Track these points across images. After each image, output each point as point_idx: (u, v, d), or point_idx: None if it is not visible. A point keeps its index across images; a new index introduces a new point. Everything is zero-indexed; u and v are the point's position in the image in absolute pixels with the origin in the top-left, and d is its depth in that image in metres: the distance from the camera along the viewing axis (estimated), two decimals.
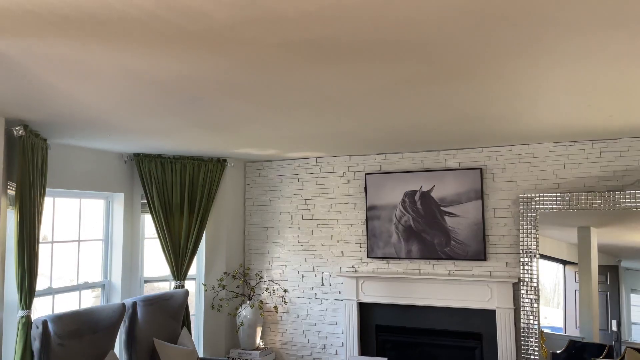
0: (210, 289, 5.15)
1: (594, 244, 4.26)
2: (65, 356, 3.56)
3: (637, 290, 4.16)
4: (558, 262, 4.37)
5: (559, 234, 4.32)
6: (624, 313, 4.11)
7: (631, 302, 4.17)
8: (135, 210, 4.85)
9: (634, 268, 4.17)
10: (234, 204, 5.46)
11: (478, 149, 4.61)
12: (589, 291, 4.21)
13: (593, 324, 4.20)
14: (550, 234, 4.32)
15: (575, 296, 4.29)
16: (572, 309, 4.28)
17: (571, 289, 4.33)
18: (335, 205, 5.19)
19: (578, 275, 4.27)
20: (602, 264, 4.20)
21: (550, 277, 4.30)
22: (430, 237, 4.71)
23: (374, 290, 4.82)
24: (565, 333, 4.30)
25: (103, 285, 4.62)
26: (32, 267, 3.45)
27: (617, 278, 4.17)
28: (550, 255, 4.34)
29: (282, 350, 5.28)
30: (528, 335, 4.22)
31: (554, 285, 4.32)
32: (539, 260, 4.27)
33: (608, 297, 4.22)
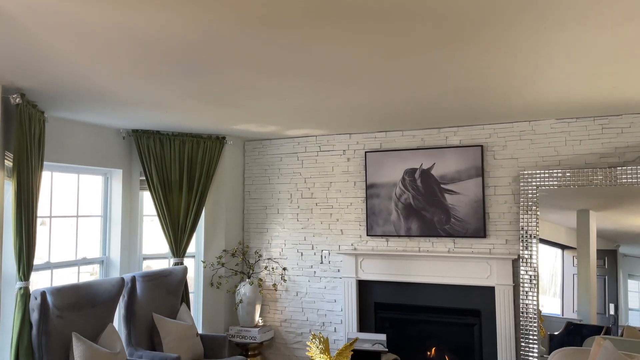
0: (209, 265, 5.14)
1: (592, 228, 4.25)
2: (64, 328, 3.56)
3: (634, 276, 4.17)
4: (557, 246, 4.37)
5: (558, 218, 4.31)
6: (621, 297, 4.12)
7: (628, 288, 4.17)
8: (134, 187, 4.83)
9: (632, 254, 4.17)
10: (233, 182, 5.43)
11: (479, 126, 4.58)
12: (587, 274, 4.21)
13: (591, 307, 4.20)
14: (550, 218, 4.31)
15: (573, 280, 4.30)
16: (570, 293, 4.28)
17: (569, 273, 4.33)
18: (334, 183, 5.17)
19: (577, 259, 4.27)
20: (600, 248, 4.19)
21: (547, 267, 4.30)
22: (430, 215, 4.70)
23: (373, 268, 4.82)
24: (563, 316, 4.31)
25: (102, 261, 4.61)
26: (30, 238, 3.43)
27: (615, 262, 4.17)
28: (549, 240, 4.33)
29: (281, 327, 5.29)
30: (527, 311, 4.23)
31: (551, 276, 4.32)
32: (539, 244, 4.27)
33: (606, 281, 4.22)
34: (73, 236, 4.37)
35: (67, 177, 4.35)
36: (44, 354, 3.41)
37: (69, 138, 4.19)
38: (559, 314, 4.30)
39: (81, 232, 4.45)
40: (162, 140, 4.80)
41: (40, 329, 3.42)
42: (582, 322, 4.24)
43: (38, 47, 2.42)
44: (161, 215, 4.76)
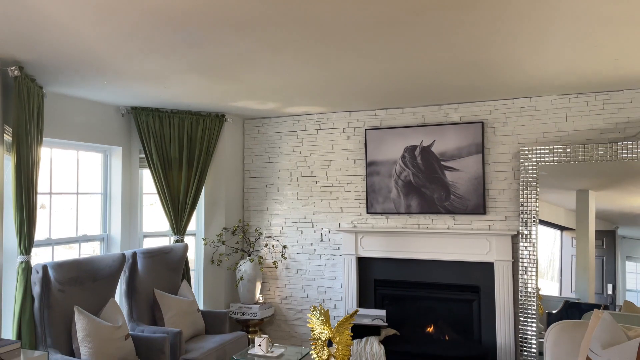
0: (210, 243, 5.16)
1: (592, 208, 4.26)
2: (66, 302, 3.58)
3: (632, 257, 4.18)
4: (556, 227, 4.38)
5: (557, 199, 4.32)
6: (619, 278, 4.14)
7: (626, 269, 4.19)
8: (134, 165, 4.82)
9: (631, 236, 4.18)
10: (232, 161, 5.43)
11: (480, 103, 4.57)
12: (585, 254, 4.23)
13: (589, 286, 4.23)
14: (549, 199, 4.31)
15: (572, 261, 4.32)
16: (568, 274, 4.31)
17: (567, 254, 4.35)
18: (334, 161, 5.16)
19: (575, 239, 4.28)
20: (599, 229, 4.21)
21: (546, 252, 4.32)
22: (429, 192, 4.70)
23: (373, 245, 4.84)
24: (561, 295, 4.34)
25: (102, 238, 4.62)
26: (31, 212, 3.44)
27: (614, 243, 4.19)
28: (548, 221, 4.35)
29: (282, 305, 5.33)
30: (526, 287, 4.25)
31: (549, 261, 4.35)
32: (538, 225, 4.27)
33: (604, 262, 4.25)
34: (73, 213, 4.38)
35: (66, 154, 4.34)
36: (46, 327, 3.43)
37: (68, 114, 4.17)
38: (557, 294, 4.33)
39: (81, 209, 4.45)
40: (161, 117, 4.78)
41: (42, 302, 3.44)
42: (580, 301, 4.27)
43: (35, 17, 2.40)
44: (161, 193, 4.76)
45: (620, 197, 4.17)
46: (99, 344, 3.46)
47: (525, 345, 4.21)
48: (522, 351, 4.23)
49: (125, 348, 3.63)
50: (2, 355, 2.71)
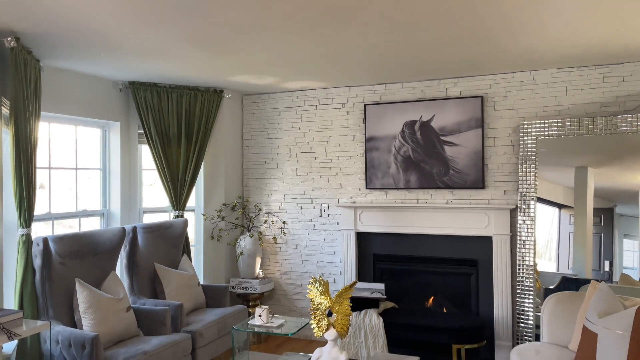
0: (209, 219, 5.18)
1: (590, 184, 4.27)
2: (67, 274, 3.60)
3: (630, 235, 4.20)
4: (554, 205, 4.39)
5: (556, 176, 4.32)
6: (616, 255, 4.17)
7: (624, 247, 4.22)
8: (132, 140, 4.81)
9: (628, 214, 4.19)
10: (231, 137, 5.41)
11: (479, 77, 4.54)
12: (583, 231, 4.25)
13: (586, 262, 4.26)
14: (548, 177, 4.31)
15: (569, 239, 4.34)
16: (566, 252, 4.33)
17: (565, 231, 4.37)
18: (334, 137, 5.15)
19: (573, 216, 4.30)
20: (597, 206, 4.22)
21: (543, 233, 4.34)
22: (429, 167, 4.70)
23: (372, 220, 4.86)
24: (558, 271, 4.37)
25: (102, 214, 4.63)
26: (30, 185, 3.44)
27: (612, 220, 4.20)
28: (546, 199, 4.36)
29: (281, 279, 5.38)
30: (523, 260, 4.28)
31: (547, 242, 4.37)
32: (536, 202, 4.28)
33: (601, 239, 4.27)
34: (73, 188, 4.38)
35: (64, 129, 4.33)
36: (48, 299, 3.46)
37: (65, 89, 4.14)
38: (555, 271, 4.36)
39: (81, 184, 4.45)
40: (159, 92, 4.75)
41: (44, 274, 3.47)
42: (577, 276, 4.30)
43: None
44: (160, 169, 4.76)
45: (619, 174, 4.17)
46: (100, 316, 3.50)
47: (523, 317, 4.26)
48: (519, 324, 4.28)
49: (126, 320, 3.67)
50: (5, 325, 2.74)
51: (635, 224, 4.12)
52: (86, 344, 3.17)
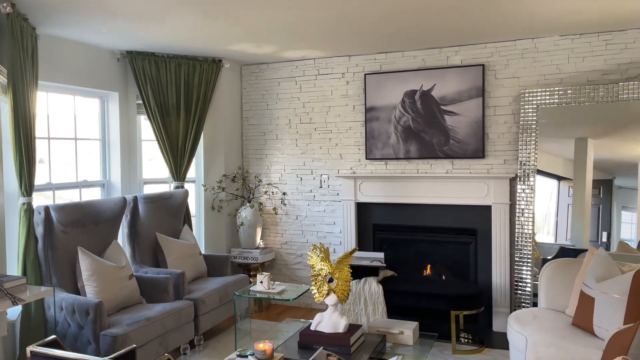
0: (210, 189, 5.19)
1: (590, 156, 4.26)
2: (69, 243, 3.63)
3: (628, 207, 4.22)
4: (553, 177, 4.40)
5: (556, 148, 4.32)
6: (614, 226, 4.19)
7: (622, 219, 4.24)
8: (131, 111, 4.78)
9: (627, 186, 4.20)
10: (231, 108, 5.39)
11: (481, 45, 4.50)
12: (582, 202, 4.27)
13: (584, 233, 4.28)
14: (548, 149, 4.31)
15: (568, 211, 4.36)
16: (564, 223, 4.36)
17: (564, 203, 4.39)
18: (333, 107, 5.13)
19: (572, 187, 4.31)
20: (596, 178, 4.22)
21: (542, 207, 4.35)
22: (429, 137, 4.69)
23: (371, 190, 4.87)
24: (556, 242, 4.41)
25: (103, 184, 4.64)
26: (30, 153, 3.44)
27: (610, 192, 4.21)
28: (546, 171, 4.36)
29: (282, 249, 5.42)
30: (522, 229, 4.31)
31: (545, 216, 4.38)
32: (536, 173, 4.28)
33: (600, 210, 4.28)
34: (73, 159, 4.37)
35: (63, 99, 4.30)
36: (51, 267, 3.50)
37: (62, 58, 4.10)
38: (553, 242, 4.40)
39: (81, 155, 4.45)
40: (157, 62, 4.70)
41: (46, 242, 3.49)
42: (575, 247, 4.34)
43: None
44: (160, 139, 4.74)
45: (619, 146, 4.17)
46: (103, 283, 3.54)
47: (520, 284, 4.32)
48: (516, 291, 4.33)
49: (129, 287, 3.71)
50: (9, 290, 2.77)
51: (634, 196, 4.13)
52: (90, 310, 3.22)
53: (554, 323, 3.23)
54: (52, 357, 1.88)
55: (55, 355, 1.87)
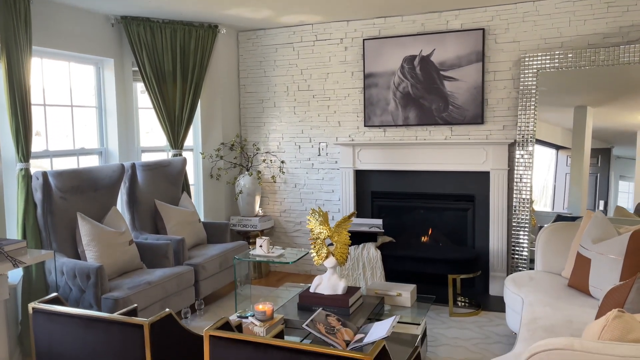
0: (208, 157, 5.18)
1: (589, 124, 4.24)
2: (68, 209, 3.63)
3: (625, 177, 4.22)
4: (552, 146, 4.38)
5: (555, 117, 4.29)
6: (611, 195, 4.20)
7: (619, 189, 4.24)
8: (127, 78, 4.73)
9: (625, 156, 4.19)
10: (227, 75, 5.33)
11: (481, 9, 4.42)
12: (580, 170, 4.27)
13: (581, 201, 4.29)
14: (547, 118, 4.28)
15: (566, 180, 4.36)
16: (562, 193, 4.36)
17: (562, 172, 4.38)
18: (332, 74, 5.07)
19: (571, 156, 4.30)
20: (594, 147, 4.21)
21: (540, 180, 4.34)
22: (428, 103, 4.66)
23: (370, 158, 4.87)
24: (553, 210, 4.42)
25: (100, 152, 4.62)
26: (26, 118, 3.41)
27: (608, 161, 4.21)
28: (545, 140, 4.34)
29: (281, 218, 5.44)
30: (520, 194, 4.33)
31: (543, 188, 4.38)
32: (535, 141, 4.27)
33: (597, 179, 4.29)
34: (69, 127, 4.34)
35: (58, 66, 4.24)
36: (51, 232, 3.51)
37: (56, 23, 4.03)
38: (550, 211, 4.42)
39: (77, 123, 4.41)
40: (152, 28, 4.63)
41: (45, 208, 3.50)
42: (572, 215, 4.36)
43: None
44: (157, 107, 4.70)
45: (618, 114, 4.15)
46: (103, 248, 3.56)
47: (517, 249, 4.35)
48: (513, 256, 4.38)
49: (129, 252, 3.74)
50: (10, 253, 2.78)
51: (632, 166, 4.14)
52: (91, 274, 3.24)
53: (550, 284, 3.27)
54: (54, 313, 1.90)
55: (57, 311, 1.89)
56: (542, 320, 2.74)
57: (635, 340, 1.67)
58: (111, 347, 1.81)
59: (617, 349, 1.62)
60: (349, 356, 1.45)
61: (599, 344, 1.64)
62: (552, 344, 1.69)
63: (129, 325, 1.77)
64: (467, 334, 3.67)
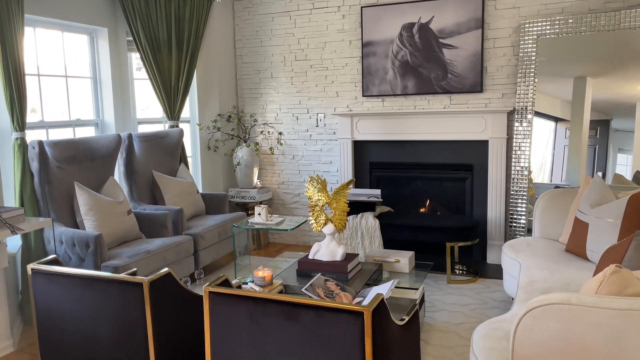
0: (205, 129, 5.14)
1: (588, 95, 4.21)
2: (66, 178, 3.62)
3: (624, 150, 4.19)
4: (551, 119, 4.35)
5: (554, 89, 4.25)
6: (609, 167, 4.19)
7: (617, 162, 4.22)
8: (121, 47, 4.66)
9: (624, 129, 4.16)
10: (224, 45, 5.25)
11: None
12: (578, 142, 4.25)
13: (579, 173, 4.29)
14: (546, 89, 4.24)
15: (564, 152, 4.34)
16: (560, 165, 4.35)
17: (560, 145, 4.36)
18: (329, 43, 5.01)
19: (570, 128, 4.27)
20: (593, 119, 4.18)
21: (537, 156, 4.32)
22: (427, 72, 4.61)
23: (368, 128, 4.84)
24: (551, 182, 4.42)
25: (96, 123, 4.58)
26: (20, 86, 3.36)
27: (607, 133, 4.19)
28: (544, 113, 4.31)
29: (279, 189, 5.44)
30: (519, 161, 4.32)
31: (541, 165, 4.36)
32: (534, 114, 4.23)
33: (596, 151, 4.27)
34: (64, 97, 4.30)
35: (51, 35, 4.17)
36: (49, 202, 3.50)
37: None
38: (548, 182, 4.42)
39: (72, 93, 4.37)
40: None
41: (42, 177, 3.48)
42: (570, 186, 4.35)
43: None
44: (152, 77, 4.65)
45: (618, 85, 4.11)
46: (102, 218, 3.55)
47: (515, 217, 4.37)
48: (511, 225, 4.39)
49: (128, 222, 3.74)
50: (8, 220, 2.77)
51: (630, 139, 4.12)
52: (90, 243, 3.25)
53: (548, 250, 3.28)
54: (54, 274, 1.90)
55: (56, 272, 1.90)
56: (539, 283, 2.76)
57: (632, 294, 1.68)
58: (111, 306, 1.82)
59: (614, 302, 1.63)
60: (348, 308, 1.46)
61: (596, 298, 1.65)
62: (549, 299, 1.70)
63: (129, 284, 1.77)
64: (464, 300, 3.71)
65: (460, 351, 2.93)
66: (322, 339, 1.50)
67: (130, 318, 1.81)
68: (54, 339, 2.01)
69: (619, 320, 1.59)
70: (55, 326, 1.99)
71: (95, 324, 1.88)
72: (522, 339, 1.74)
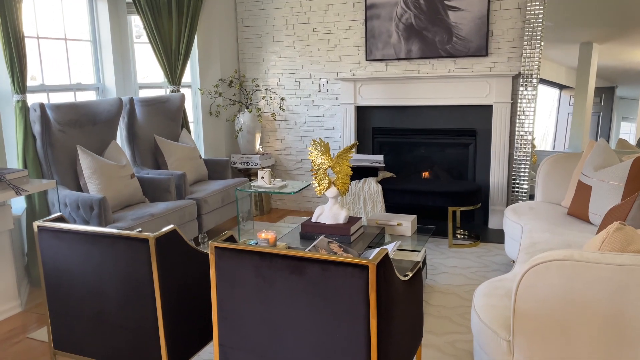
0: (206, 94, 5.10)
1: (594, 61, 4.14)
2: (68, 142, 3.61)
3: (628, 118, 4.15)
4: (555, 86, 4.29)
5: (560, 56, 4.18)
6: (613, 135, 4.15)
7: (621, 130, 4.18)
8: (121, 10, 4.57)
9: (628, 97, 4.11)
10: (225, 8, 5.16)
11: None
12: (582, 109, 4.20)
13: (583, 140, 4.26)
14: (552, 56, 4.16)
15: (568, 120, 4.30)
16: (563, 133, 4.31)
17: (564, 112, 4.32)
18: (332, 5, 4.91)
19: (574, 95, 4.22)
20: (598, 86, 4.13)
21: (541, 125, 4.27)
22: (431, 35, 4.54)
23: (371, 93, 4.79)
24: (554, 150, 4.39)
25: (97, 88, 4.54)
26: (19, 47, 3.32)
27: (612, 100, 4.14)
28: (548, 80, 4.24)
29: (281, 155, 5.43)
30: (522, 126, 4.29)
31: (544, 135, 4.31)
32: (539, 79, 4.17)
33: (600, 119, 4.23)
34: (64, 61, 4.24)
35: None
36: (52, 165, 3.50)
37: None
38: (551, 149, 4.40)
39: (72, 57, 4.31)
40: None
41: (44, 140, 3.47)
42: None
43: None
44: (153, 41, 4.58)
45: (624, 51, 4.04)
46: (105, 181, 3.56)
47: (518, 183, 4.37)
48: (514, 190, 4.39)
49: (131, 186, 3.75)
50: (12, 181, 2.78)
51: (634, 107, 4.08)
52: (94, 205, 3.26)
53: (550, 213, 3.30)
54: (60, 230, 1.91)
55: (62, 229, 1.91)
56: (540, 245, 2.78)
57: (635, 251, 1.70)
58: (117, 262, 1.84)
59: (617, 258, 1.64)
60: (353, 262, 1.47)
61: (598, 254, 1.66)
62: (552, 256, 1.72)
63: (135, 240, 1.78)
64: (465, 263, 3.74)
65: (461, 311, 2.97)
66: (327, 293, 1.52)
67: (137, 274, 1.83)
68: (61, 297, 2.04)
69: (622, 275, 1.61)
70: (62, 283, 2.01)
71: (102, 281, 1.91)
72: (524, 296, 1.76)
